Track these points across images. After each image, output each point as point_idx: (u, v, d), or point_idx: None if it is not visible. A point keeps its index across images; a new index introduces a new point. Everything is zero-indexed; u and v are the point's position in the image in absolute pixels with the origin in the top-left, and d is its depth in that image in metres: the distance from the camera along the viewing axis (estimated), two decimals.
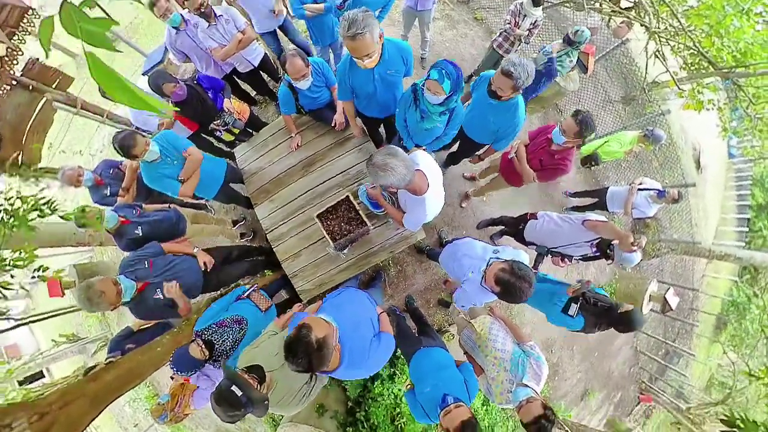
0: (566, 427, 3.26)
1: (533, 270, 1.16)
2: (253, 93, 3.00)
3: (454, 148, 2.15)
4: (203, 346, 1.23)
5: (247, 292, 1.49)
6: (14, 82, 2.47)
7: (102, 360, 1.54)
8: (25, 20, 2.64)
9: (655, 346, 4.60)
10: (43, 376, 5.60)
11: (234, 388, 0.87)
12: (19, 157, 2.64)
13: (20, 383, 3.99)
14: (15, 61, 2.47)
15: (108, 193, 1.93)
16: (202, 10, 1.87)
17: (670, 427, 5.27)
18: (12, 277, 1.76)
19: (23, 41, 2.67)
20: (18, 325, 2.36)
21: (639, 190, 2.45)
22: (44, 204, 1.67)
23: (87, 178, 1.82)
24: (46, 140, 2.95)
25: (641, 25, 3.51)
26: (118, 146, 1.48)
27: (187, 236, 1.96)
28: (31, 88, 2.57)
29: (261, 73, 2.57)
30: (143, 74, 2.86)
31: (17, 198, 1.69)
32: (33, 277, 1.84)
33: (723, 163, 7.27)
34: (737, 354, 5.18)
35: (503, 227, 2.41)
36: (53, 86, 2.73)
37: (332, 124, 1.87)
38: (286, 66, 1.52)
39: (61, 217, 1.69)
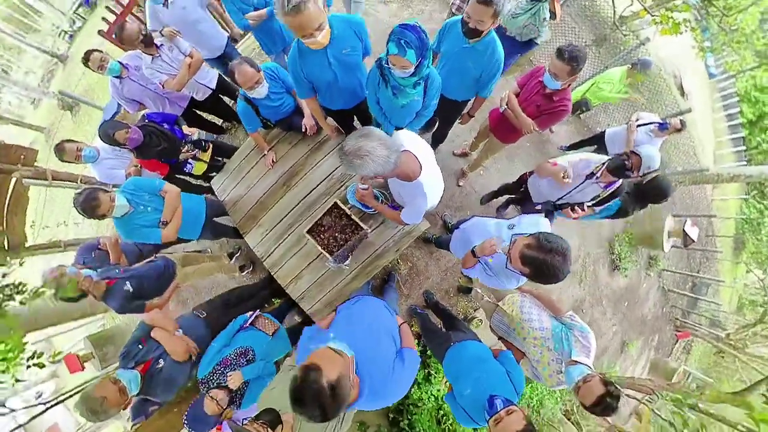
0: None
1: None
2: (219, 122, 2.87)
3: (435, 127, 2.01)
4: (217, 399, 1.10)
5: (249, 321, 1.36)
6: None
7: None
8: None
9: (681, 280, 4.53)
10: None
11: None
12: (4, 241, 2.53)
13: None
14: None
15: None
16: (142, 38, 1.72)
17: (713, 357, 5.23)
18: (2, 372, 1.64)
19: None
20: (48, 408, 2.25)
21: (638, 126, 2.33)
22: (12, 288, 1.54)
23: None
24: (27, 219, 2.84)
25: None
26: (81, 210, 1.35)
27: (177, 281, 1.83)
28: None
29: (221, 97, 2.44)
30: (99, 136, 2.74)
31: None
32: (28, 367, 1.71)
33: (705, 85, 7.19)
34: (762, 270, 5.12)
35: (507, 196, 2.29)
36: (19, 164, 2.61)
37: (303, 130, 1.74)
38: (235, 77, 1.38)
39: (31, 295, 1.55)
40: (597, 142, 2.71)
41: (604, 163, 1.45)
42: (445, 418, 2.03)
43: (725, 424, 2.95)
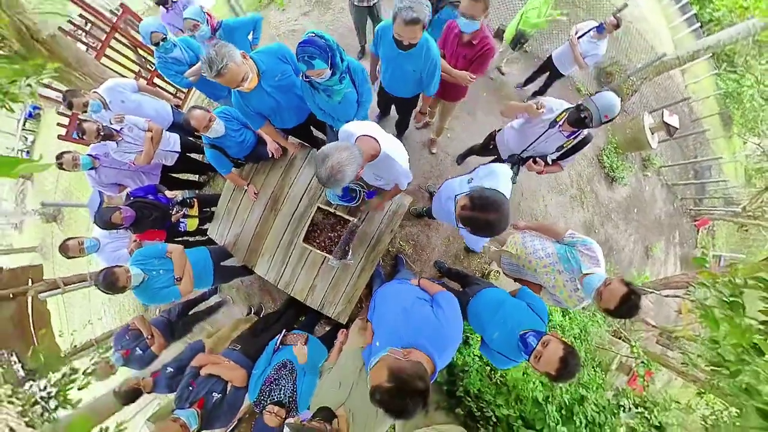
0: (650, 291, 3.22)
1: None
2: (196, 177, 2.98)
3: (394, 113, 2.06)
4: (275, 411, 1.19)
5: (279, 342, 1.46)
6: None
7: None
8: None
9: (682, 171, 4.53)
10: None
11: None
12: (42, 358, 2.65)
13: None
14: None
15: (140, 353, 1.90)
16: (102, 134, 1.84)
17: (738, 234, 5.20)
18: None
19: None
20: None
21: (579, 38, 2.38)
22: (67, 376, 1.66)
23: (116, 360, 1.83)
24: (54, 331, 2.96)
25: None
26: (104, 289, 1.46)
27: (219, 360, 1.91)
28: (11, 296, 2.57)
29: (189, 155, 2.54)
30: (94, 223, 2.87)
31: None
32: None
33: None
34: (757, 135, 5.08)
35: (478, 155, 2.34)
36: (29, 283, 2.74)
37: (270, 156, 1.82)
38: (191, 125, 1.48)
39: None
40: (547, 67, 2.75)
41: (566, 110, 1.46)
42: (494, 371, 2.09)
43: None
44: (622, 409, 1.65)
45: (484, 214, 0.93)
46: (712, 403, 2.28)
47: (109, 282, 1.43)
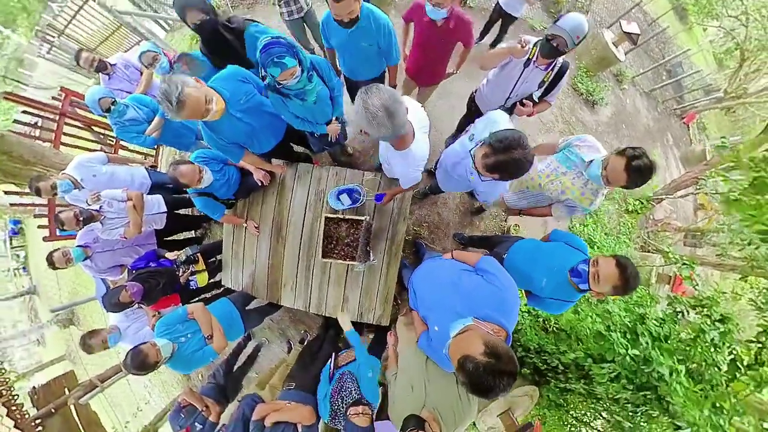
0: (664, 197, 3.22)
1: None
2: (192, 233, 2.91)
3: None
4: (360, 410, 1.14)
5: (332, 368, 1.41)
6: (39, 420, 2.41)
7: None
8: None
9: (655, 75, 4.53)
10: None
11: None
12: None
13: None
14: (24, 413, 2.43)
15: (200, 427, 1.80)
16: (82, 218, 1.77)
17: (727, 118, 5.23)
18: None
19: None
20: None
21: None
22: None
23: None
24: (108, 430, 2.90)
25: None
26: (136, 371, 1.39)
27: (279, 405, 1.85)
28: (54, 410, 2.51)
29: (177, 213, 2.47)
30: (108, 312, 2.81)
31: None
32: None
33: None
34: (715, 18, 5.08)
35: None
36: (67, 392, 2.68)
37: (260, 185, 1.76)
38: (180, 182, 1.42)
39: None
40: (498, 14, 2.71)
41: (535, 44, 1.41)
42: (546, 321, 2.06)
43: None
44: (680, 315, 1.63)
45: (510, 154, 0.88)
46: (756, 285, 2.28)
47: (139, 362, 1.36)
